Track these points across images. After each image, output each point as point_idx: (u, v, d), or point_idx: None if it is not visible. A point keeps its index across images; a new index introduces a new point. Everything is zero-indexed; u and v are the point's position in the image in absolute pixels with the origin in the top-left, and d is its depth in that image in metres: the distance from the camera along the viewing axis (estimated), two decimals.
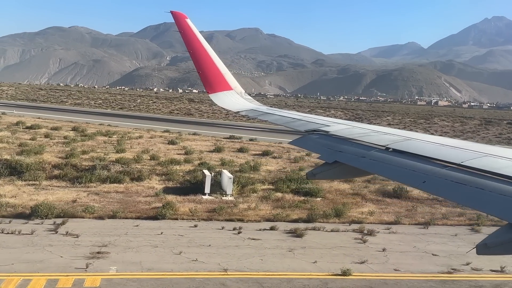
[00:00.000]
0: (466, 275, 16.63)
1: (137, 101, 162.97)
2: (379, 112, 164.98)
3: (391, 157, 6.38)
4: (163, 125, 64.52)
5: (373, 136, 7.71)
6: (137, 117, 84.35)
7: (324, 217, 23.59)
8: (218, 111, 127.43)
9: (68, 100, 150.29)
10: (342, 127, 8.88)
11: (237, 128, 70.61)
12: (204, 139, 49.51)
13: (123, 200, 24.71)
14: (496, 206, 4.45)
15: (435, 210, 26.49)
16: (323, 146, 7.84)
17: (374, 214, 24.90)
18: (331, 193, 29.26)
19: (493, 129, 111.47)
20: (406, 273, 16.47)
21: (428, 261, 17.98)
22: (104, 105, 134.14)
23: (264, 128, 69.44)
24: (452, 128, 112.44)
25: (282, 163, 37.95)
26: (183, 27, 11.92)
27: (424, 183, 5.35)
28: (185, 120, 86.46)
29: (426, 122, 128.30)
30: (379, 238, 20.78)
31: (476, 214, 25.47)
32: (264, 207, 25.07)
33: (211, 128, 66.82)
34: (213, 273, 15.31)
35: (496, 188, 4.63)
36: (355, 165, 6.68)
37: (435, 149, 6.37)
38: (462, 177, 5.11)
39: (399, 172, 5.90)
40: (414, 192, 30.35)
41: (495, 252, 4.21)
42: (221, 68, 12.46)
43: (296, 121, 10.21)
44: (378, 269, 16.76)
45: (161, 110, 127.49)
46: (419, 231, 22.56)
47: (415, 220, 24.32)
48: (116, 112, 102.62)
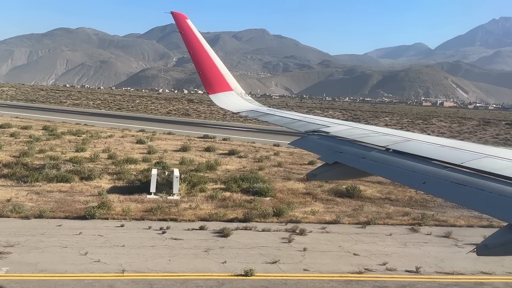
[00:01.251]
0: (376, 275, 16.21)
1: (136, 102, 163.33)
2: (377, 113, 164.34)
3: (391, 158, 6.40)
4: (149, 125, 64.32)
5: (373, 137, 7.70)
6: (126, 117, 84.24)
7: (262, 217, 23.18)
8: (216, 112, 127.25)
9: (67, 101, 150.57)
10: (342, 128, 8.89)
11: (224, 128, 70.51)
12: (176, 139, 49.25)
13: (62, 200, 24.43)
14: (496, 207, 4.46)
15: (382, 210, 26.05)
16: (323, 147, 7.84)
17: (317, 213, 24.47)
18: (283, 192, 28.87)
19: (490, 130, 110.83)
20: (313, 273, 16.06)
21: (344, 261, 17.54)
22: (102, 106, 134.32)
23: (251, 128, 69.38)
24: (450, 129, 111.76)
25: (245, 162, 37.60)
26: (183, 28, 11.99)
27: (424, 184, 5.37)
28: (173, 120, 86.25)
29: (423, 122, 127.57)
30: (308, 238, 20.37)
31: (421, 214, 25.07)
32: (206, 206, 24.72)
33: (195, 128, 66.41)
34: (107, 275, 14.97)
35: (496, 189, 4.63)
36: (355, 166, 6.72)
37: (435, 150, 6.39)
38: (462, 178, 5.13)
39: (399, 173, 5.94)
40: (368, 191, 30.00)
41: (496, 253, 4.24)
42: (221, 69, 12.49)
43: (296, 122, 10.20)
44: (287, 269, 16.37)
45: (158, 110, 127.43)
46: (355, 230, 22.11)
47: (356, 219, 23.86)
48: (107, 112, 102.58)
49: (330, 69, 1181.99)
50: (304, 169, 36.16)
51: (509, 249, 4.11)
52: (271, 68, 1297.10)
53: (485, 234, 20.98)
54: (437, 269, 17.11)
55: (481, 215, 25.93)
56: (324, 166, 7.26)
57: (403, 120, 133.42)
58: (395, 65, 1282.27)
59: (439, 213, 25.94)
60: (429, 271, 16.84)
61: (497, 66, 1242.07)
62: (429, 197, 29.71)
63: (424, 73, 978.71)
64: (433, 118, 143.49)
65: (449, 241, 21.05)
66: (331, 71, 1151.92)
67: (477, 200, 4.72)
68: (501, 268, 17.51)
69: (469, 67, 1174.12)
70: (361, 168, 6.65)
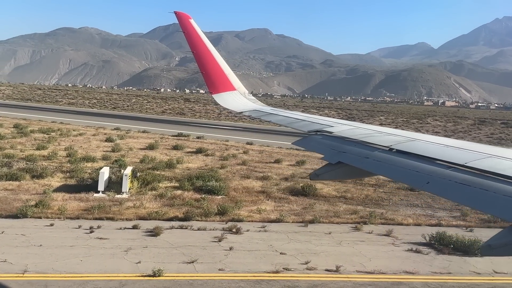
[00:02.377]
0: (292, 274, 15.67)
1: (132, 101, 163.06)
2: (373, 112, 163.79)
3: (395, 158, 6.38)
4: (134, 123, 64.06)
5: (377, 136, 7.67)
6: (113, 116, 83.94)
7: (204, 216, 22.68)
8: (211, 111, 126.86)
9: (62, 100, 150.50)
10: (345, 127, 8.86)
11: (210, 127, 70.02)
12: (150, 137, 48.80)
13: (3, 198, 23.95)
14: (500, 207, 4.42)
15: (333, 208, 25.47)
16: (326, 147, 7.81)
17: (264, 212, 23.94)
18: (237, 190, 28.35)
19: (485, 129, 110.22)
20: (227, 273, 15.53)
21: (266, 260, 16.98)
22: (98, 105, 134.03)
23: (241, 127, 68.90)
24: (444, 128, 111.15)
25: (209, 160, 37.11)
26: (187, 28, 11.97)
27: (428, 184, 5.34)
28: (161, 119, 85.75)
29: (418, 122, 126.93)
30: (241, 237, 19.85)
31: (368, 212, 24.55)
32: (151, 205, 24.23)
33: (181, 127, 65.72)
34: (6, 275, 14.49)
35: (500, 189, 4.62)
36: (359, 166, 6.68)
37: (438, 150, 6.36)
38: (466, 178, 5.11)
39: (403, 173, 5.90)
40: (324, 190, 29.49)
41: (499, 253, 4.20)
42: (224, 69, 12.46)
43: (300, 121, 10.16)
44: (201, 269, 15.86)
45: (154, 109, 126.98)
46: (295, 229, 21.57)
47: (302, 218, 23.35)
48: (96, 111, 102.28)
49: (333, 68, 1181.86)
50: (268, 168, 35.67)
51: None
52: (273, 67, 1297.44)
53: (429, 233, 20.47)
54: (360, 268, 16.58)
55: (433, 213, 25.47)
56: (327, 166, 7.21)
57: (398, 120, 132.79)
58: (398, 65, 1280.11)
59: (392, 211, 25.41)
60: (350, 270, 16.32)
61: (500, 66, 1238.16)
62: (386, 195, 29.23)
63: (426, 73, 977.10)
64: (429, 118, 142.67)
65: (387, 240, 20.53)
66: (333, 70, 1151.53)
67: (481, 201, 4.68)
68: (428, 268, 17.01)
69: (472, 67, 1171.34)
70: (364, 168, 6.59)
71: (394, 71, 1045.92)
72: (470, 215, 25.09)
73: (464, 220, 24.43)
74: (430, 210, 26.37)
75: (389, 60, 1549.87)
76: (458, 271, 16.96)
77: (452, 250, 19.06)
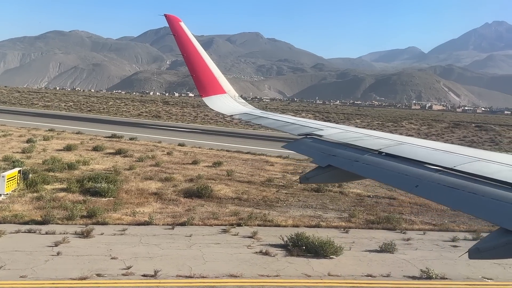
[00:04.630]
0: (98, 281, 14.50)
1: (109, 104, 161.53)
2: (351, 115, 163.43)
3: (384, 161, 6.37)
4: (84, 125, 62.25)
5: (367, 140, 7.69)
6: (69, 118, 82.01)
7: (69, 219, 21.48)
8: (188, 113, 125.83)
9: (38, 103, 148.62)
10: (335, 131, 8.90)
11: (165, 129, 68.84)
12: (79, 138, 47.56)
13: None
14: (488, 211, 4.45)
15: (218, 210, 24.39)
16: (316, 150, 7.82)
17: (139, 214, 22.82)
18: (129, 192, 27.14)
19: (458, 132, 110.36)
20: (26, 280, 14.35)
21: (84, 265, 15.75)
22: (73, 108, 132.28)
23: (199, 129, 67.77)
24: (418, 131, 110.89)
25: (122, 161, 35.91)
26: (177, 30, 11.99)
27: (417, 187, 5.33)
28: (119, 121, 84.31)
29: (393, 125, 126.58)
30: (86, 241, 18.61)
31: (249, 214, 23.45)
32: (22, 207, 22.97)
33: (132, 129, 64.66)
34: None
35: (488, 193, 4.66)
36: (348, 169, 6.67)
37: (427, 153, 6.36)
38: (455, 181, 5.13)
39: (392, 177, 5.87)
40: (223, 191, 28.43)
41: (487, 256, 4.25)
42: (214, 72, 12.47)
43: (290, 125, 10.15)
44: (1, 275, 14.68)
45: (129, 112, 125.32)
46: (156, 232, 20.39)
47: (176, 220, 22.21)
48: (55, 113, 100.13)
49: (324, 72, 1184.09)
50: (181, 169, 34.54)
51: (501, 253, 4.12)
52: (264, 71, 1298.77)
53: (287, 234, 19.35)
54: (183, 273, 15.45)
55: (322, 215, 24.45)
56: (317, 169, 7.21)
57: (373, 123, 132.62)
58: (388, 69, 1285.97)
59: (280, 213, 24.38)
60: (169, 275, 15.21)
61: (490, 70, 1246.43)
62: (286, 196, 28.23)
63: (416, 77, 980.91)
64: (404, 121, 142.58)
65: (247, 242, 19.47)
66: (324, 74, 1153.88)
67: (469, 204, 4.69)
68: (260, 271, 15.93)
69: (462, 71, 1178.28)
70: (354, 171, 6.58)
71: (384, 75, 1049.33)
72: (357, 216, 24.15)
73: (349, 221, 23.45)
74: (322, 211, 25.37)
75: (380, 64, 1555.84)
76: (289, 273, 15.94)
77: (303, 252, 18.03)
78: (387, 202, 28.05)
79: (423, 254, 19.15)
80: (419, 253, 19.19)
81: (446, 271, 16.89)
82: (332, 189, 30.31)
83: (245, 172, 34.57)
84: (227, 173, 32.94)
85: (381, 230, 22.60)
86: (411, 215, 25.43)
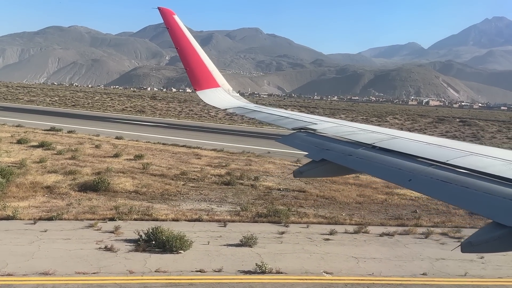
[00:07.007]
0: None
1: (95, 99, 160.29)
2: (337, 110, 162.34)
3: (378, 155, 6.35)
4: (57, 120, 60.95)
5: (360, 134, 7.68)
6: (38, 112, 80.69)
7: None
8: (173, 108, 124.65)
9: (24, 98, 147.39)
10: (329, 125, 8.86)
11: (131, 124, 67.67)
12: (15, 131, 45.89)
13: None
14: (481, 205, 4.47)
15: (104, 204, 23.01)
16: (310, 144, 7.76)
17: (7, 209, 21.38)
18: (21, 186, 25.39)
19: (442, 127, 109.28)
20: None
21: None
22: (58, 102, 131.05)
23: (164, 123, 66.63)
24: (401, 126, 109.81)
25: (38, 154, 34.17)
26: (171, 24, 11.85)
27: (410, 181, 5.32)
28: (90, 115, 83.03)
29: (378, 120, 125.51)
30: None
31: (130, 207, 22.15)
32: None
33: (99, 123, 63.40)
34: None
35: (481, 187, 4.67)
36: (342, 163, 6.65)
37: (420, 147, 6.37)
38: (447, 175, 5.14)
39: (385, 171, 5.86)
40: (123, 185, 27.08)
41: (480, 250, 4.29)
42: (208, 65, 12.36)
43: (284, 118, 10.06)
44: None
45: (114, 107, 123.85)
46: (13, 227, 19.09)
47: (48, 215, 20.83)
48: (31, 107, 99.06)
49: (323, 68, 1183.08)
50: (99, 162, 33.21)
51: (493, 246, 4.12)
52: (264, 67, 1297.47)
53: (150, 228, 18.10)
54: None
55: (214, 208, 23.21)
56: (311, 163, 7.08)
57: (358, 118, 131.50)
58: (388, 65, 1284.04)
59: (170, 206, 23.11)
60: None
61: (489, 66, 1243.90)
62: (188, 189, 26.93)
63: (415, 73, 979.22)
64: (389, 116, 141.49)
65: (103, 236, 17.90)
66: (323, 70, 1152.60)
67: (462, 198, 4.71)
68: (72, 268, 14.65)
69: (461, 67, 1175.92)
70: (347, 166, 6.54)
71: (384, 70, 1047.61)
72: (249, 210, 22.93)
73: (238, 215, 22.20)
74: (217, 205, 24.08)
75: (380, 60, 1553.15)
76: (113, 270, 14.71)
77: (152, 247, 16.80)
78: (294, 196, 26.76)
79: (285, 247, 17.88)
80: (281, 247, 17.92)
81: (292, 265, 15.75)
82: (244, 182, 29.05)
83: (165, 165, 33.26)
84: (143, 166, 31.63)
85: (266, 223, 21.31)
86: (310, 208, 24.15)
